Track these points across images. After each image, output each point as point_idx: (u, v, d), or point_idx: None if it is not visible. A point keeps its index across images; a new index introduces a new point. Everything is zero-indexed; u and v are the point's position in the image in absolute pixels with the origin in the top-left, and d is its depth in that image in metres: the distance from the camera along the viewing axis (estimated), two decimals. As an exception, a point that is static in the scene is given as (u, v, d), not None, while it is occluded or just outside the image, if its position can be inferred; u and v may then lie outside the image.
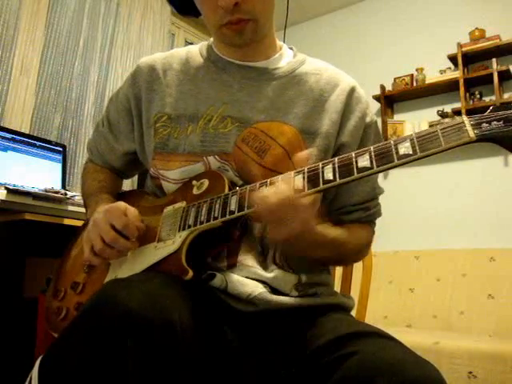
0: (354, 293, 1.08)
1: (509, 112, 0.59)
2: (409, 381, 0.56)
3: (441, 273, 2.61)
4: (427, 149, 0.61)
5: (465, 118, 0.61)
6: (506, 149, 0.60)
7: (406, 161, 0.62)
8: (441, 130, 0.61)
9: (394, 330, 0.90)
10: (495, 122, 0.59)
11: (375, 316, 2.56)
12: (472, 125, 0.60)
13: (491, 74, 2.73)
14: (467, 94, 2.86)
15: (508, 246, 2.54)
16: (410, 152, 0.62)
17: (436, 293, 2.55)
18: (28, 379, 0.68)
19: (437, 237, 2.85)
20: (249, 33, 0.83)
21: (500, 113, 0.60)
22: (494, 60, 2.75)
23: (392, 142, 0.64)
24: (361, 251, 0.92)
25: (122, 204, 0.82)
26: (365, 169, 0.64)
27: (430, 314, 2.51)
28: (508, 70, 2.72)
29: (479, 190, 2.80)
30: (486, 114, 0.61)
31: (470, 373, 1.78)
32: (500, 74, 2.72)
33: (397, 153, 0.62)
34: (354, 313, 0.91)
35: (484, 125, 0.60)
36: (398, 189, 2.99)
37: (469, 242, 2.71)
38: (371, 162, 0.64)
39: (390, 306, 2.65)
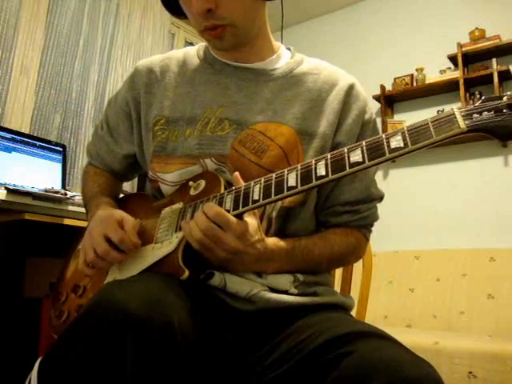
0: (354, 293, 1.08)
1: (499, 102, 0.60)
2: (406, 380, 0.56)
3: (441, 273, 2.60)
4: (418, 141, 0.61)
5: (455, 109, 0.62)
6: (498, 138, 0.60)
7: (398, 154, 0.62)
8: (432, 122, 0.62)
9: (394, 330, 0.89)
10: (486, 113, 0.60)
11: (375, 316, 2.56)
12: (463, 116, 0.60)
13: (491, 74, 2.73)
14: (467, 94, 2.86)
15: (508, 246, 2.54)
16: (402, 145, 0.62)
17: (436, 293, 2.55)
18: (27, 380, 0.68)
19: (437, 237, 2.85)
20: (229, 38, 0.82)
21: (490, 103, 0.60)
22: (494, 60, 2.75)
23: (384, 135, 0.64)
24: (341, 259, 0.89)
25: (118, 214, 0.81)
26: (357, 163, 0.64)
27: (429, 313, 2.51)
28: (508, 70, 2.72)
29: (479, 189, 2.80)
30: (476, 104, 0.61)
31: (470, 373, 1.78)
32: (500, 74, 2.71)
33: (388, 146, 0.63)
34: (353, 313, 0.91)
35: (475, 115, 0.60)
36: (398, 189, 3.00)
37: (469, 242, 2.70)
38: (363, 156, 0.64)
39: (390, 306, 2.65)
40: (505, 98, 0.59)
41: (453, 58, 2.94)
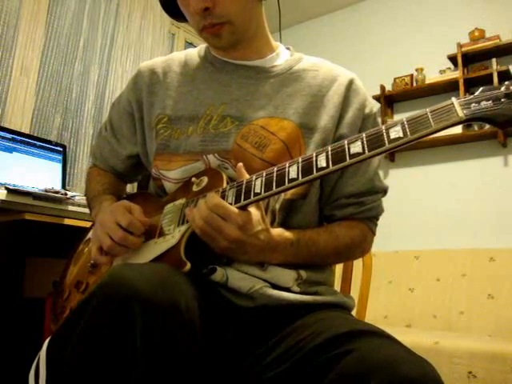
0: (354, 293, 1.08)
1: (497, 92, 0.61)
2: (405, 379, 0.56)
3: (441, 273, 2.61)
4: (417, 131, 0.62)
5: (454, 99, 0.63)
6: (496, 126, 0.61)
7: (397, 144, 0.63)
8: (430, 112, 0.63)
9: (393, 330, 0.89)
10: (484, 102, 0.61)
11: (375, 316, 2.56)
12: (461, 105, 0.62)
13: (491, 74, 2.73)
14: (467, 95, 2.84)
15: (508, 246, 2.54)
16: (401, 135, 0.62)
17: (436, 293, 2.55)
18: (36, 360, 0.69)
19: (437, 237, 2.85)
20: (226, 36, 0.84)
21: (488, 93, 0.61)
22: (493, 60, 2.75)
23: (383, 127, 0.65)
24: (347, 251, 0.88)
25: (125, 202, 0.84)
26: (357, 154, 0.64)
27: (430, 313, 2.51)
28: (508, 70, 2.72)
29: (479, 190, 2.80)
30: (475, 95, 0.62)
31: (470, 373, 1.78)
32: (500, 74, 2.71)
33: (388, 137, 0.63)
34: (353, 313, 0.91)
35: (473, 105, 0.61)
36: (398, 189, 3.00)
37: (469, 242, 2.70)
38: (363, 147, 0.64)
39: (390, 306, 2.65)
40: (503, 88, 0.60)
41: (453, 58, 2.94)
